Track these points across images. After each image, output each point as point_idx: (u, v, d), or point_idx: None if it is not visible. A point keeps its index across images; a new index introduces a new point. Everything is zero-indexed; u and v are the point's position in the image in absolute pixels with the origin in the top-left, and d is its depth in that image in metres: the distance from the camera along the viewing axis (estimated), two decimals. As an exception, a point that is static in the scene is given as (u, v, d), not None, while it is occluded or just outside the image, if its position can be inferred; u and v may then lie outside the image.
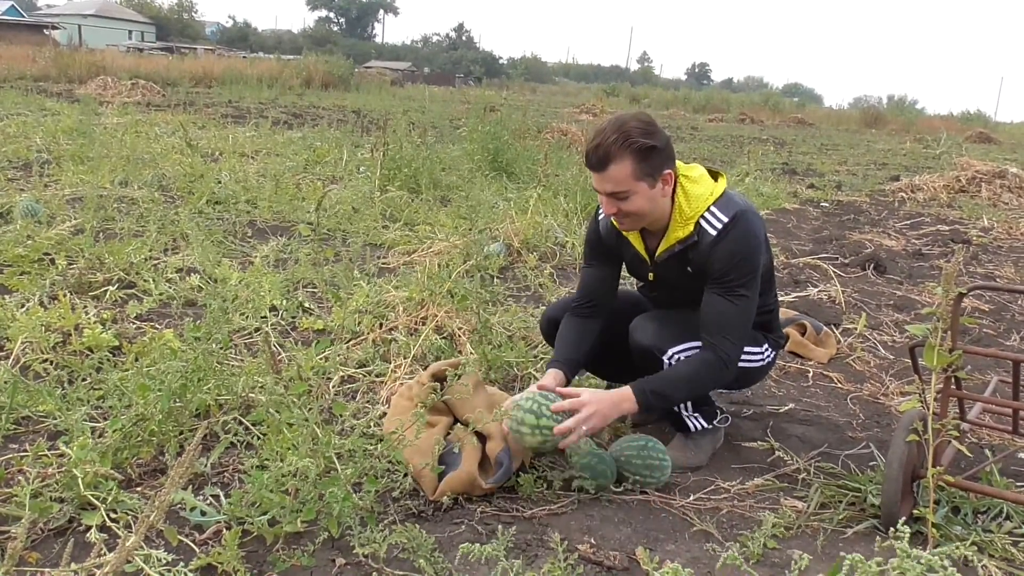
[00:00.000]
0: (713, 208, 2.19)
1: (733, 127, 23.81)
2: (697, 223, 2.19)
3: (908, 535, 1.21)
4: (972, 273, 5.41)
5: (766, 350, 2.43)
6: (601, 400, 2.14)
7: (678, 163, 2.25)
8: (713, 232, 2.17)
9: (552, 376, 2.33)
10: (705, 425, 2.42)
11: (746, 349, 2.33)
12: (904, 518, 1.49)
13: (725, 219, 2.17)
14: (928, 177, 9.76)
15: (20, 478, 1.90)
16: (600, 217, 2.44)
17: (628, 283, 3.07)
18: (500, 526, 1.91)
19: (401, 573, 1.72)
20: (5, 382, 2.30)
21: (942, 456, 2.06)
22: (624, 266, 2.51)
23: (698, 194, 2.20)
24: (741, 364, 2.33)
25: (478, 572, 1.76)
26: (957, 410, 2.34)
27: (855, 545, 2.02)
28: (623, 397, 2.16)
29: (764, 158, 12.55)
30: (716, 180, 2.26)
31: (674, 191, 2.20)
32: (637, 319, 2.35)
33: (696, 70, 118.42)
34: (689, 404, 2.36)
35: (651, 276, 2.40)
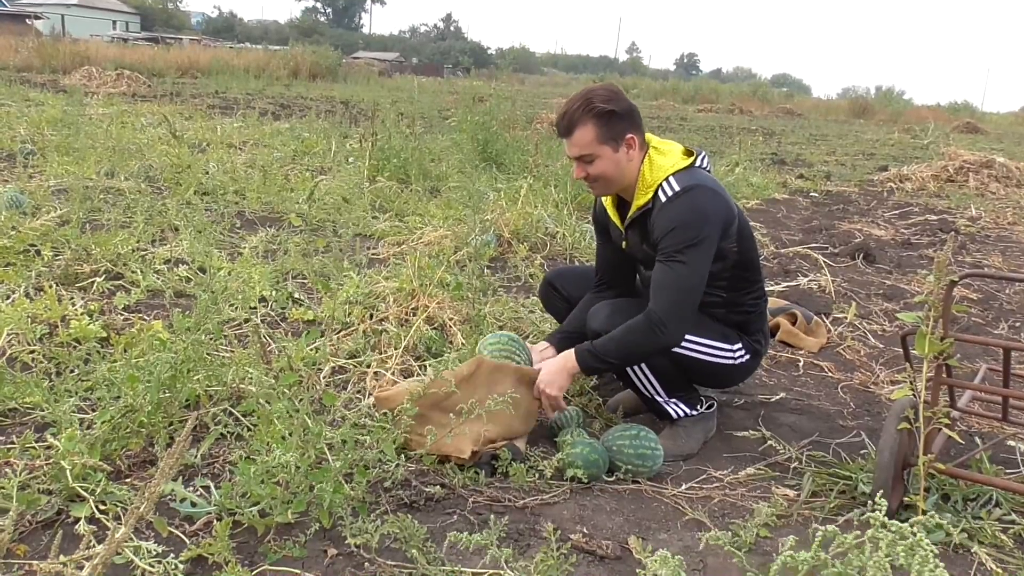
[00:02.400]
0: (671, 178, 2.25)
1: (722, 117, 23.83)
2: (655, 191, 2.26)
3: (884, 507, 1.24)
4: (960, 262, 5.44)
5: (739, 350, 2.42)
6: (550, 370, 2.32)
7: (653, 137, 2.35)
8: (663, 199, 2.23)
9: (541, 349, 2.58)
10: (688, 412, 2.43)
11: (712, 344, 2.36)
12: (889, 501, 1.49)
13: (678, 188, 2.23)
14: (916, 167, 9.81)
15: (7, 470, 1.88)
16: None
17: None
18: (492, 516, 1.90)
19: (393, 563, 1.72)
20: (-9, 374, 2.28)
21: (933, 444, 2.07)
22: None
23: (661, 164, 2.28)
24: (706, 358, 2.36)
25: (470, 562, 1.75)
26: (947, 398, 2.35)
27: (846, 532, 2.02)
28: (568, 360, 2.31)
29: (753, 148, 12.57)
30: (689, 158, 2.31)
31: (643, 161, 2.30)
32: (595, 306, 2.42)
33: (685, 60, 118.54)
34: (661, 390, 2.38)
35: (624, 244, 2.48)
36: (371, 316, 3.19)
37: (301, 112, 12.48)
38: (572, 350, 2.30)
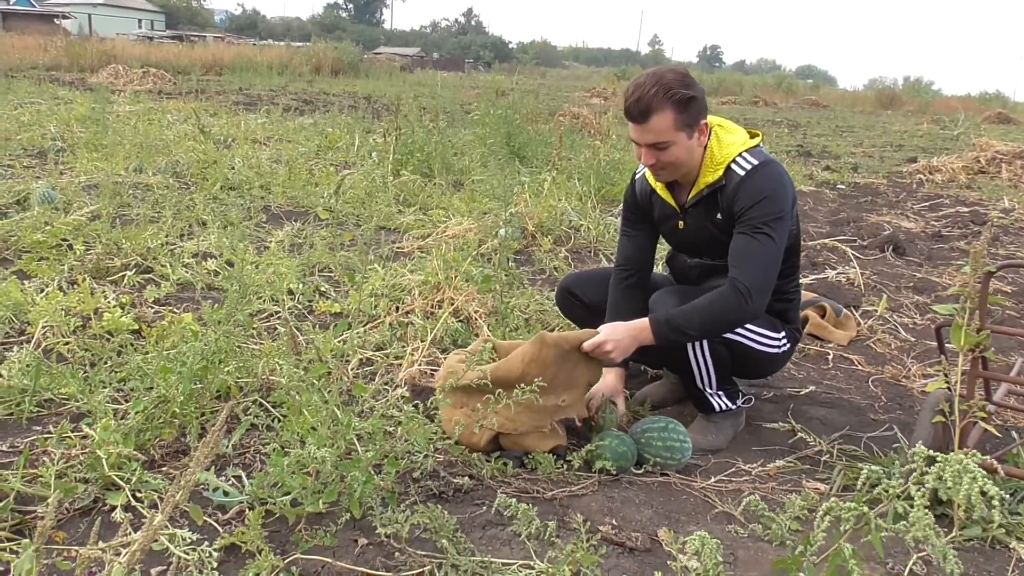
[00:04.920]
0: (744, 154, 2.22)
1: (746, 109, 23.59)
2: (727, 168, 2.22)
3: (925, 451, 1.22)
4: (993, 255, 5.34)
5: (783, 339, 2.39)
6: (619, 333, 2.18)
7: (717, 118, 2.31)
8: (741, 172, 2.19)
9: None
10: (729, 405, 2.40)
11: (763, 332, 2.32)
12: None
13: (755, 162, 2.20)
14: (946, 158, 9.63)
15: (45, 459, 1.91)
16: (637, 178, 2.50)
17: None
18: (521, 507, 1.91)
19: (423, 553, 1.72)
20: (28, 365, 2.32)
21: (968, 438, 2.04)
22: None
23: (731, 141, 2.24)
24: (758, 347, 2.32)
25: (500, 553, 1.75)
26: (983, 391, 2.31)
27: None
28: (640, 328, 2.19)
29: (779, 140, 12.44)
30: (754, 139, 2.29)
31: (707, 140, 2.25)
32: (657, 293, 2.36)
33: (708, 53, 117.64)
34: (715, 380, 2.33)
35: (680, 225, 2.40)
36: (397, 309, 3.20)
37: (324, 108, 12.54)
38: (645, 319, 2.19)
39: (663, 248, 2.72)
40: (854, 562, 1.18)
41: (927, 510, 1.14)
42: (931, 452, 1.17)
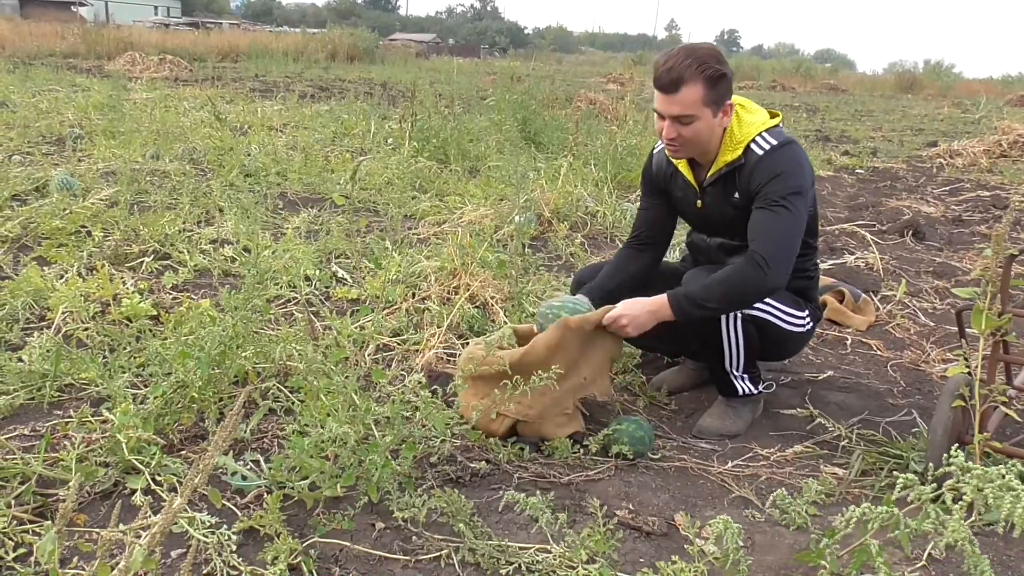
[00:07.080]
0: (764, 134, 2.21)
1: (764, 94, 23.32)
2: (746, 147, 2.21)
3: (961, 456, 1.20)
4: (1015, 238, 5.26)
5: (806, 316, 2.37)
6: (635, 308, 2.19)
7: (738, 97, 2.30)
8: (760, 152, 2.19)
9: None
10: (752, 390, 2.39)
11: (788, 311, 2.30)
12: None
13: (774, 142, 2.19)
14: (967, 142, 9.48)
15: (66, 443, 1.94)
16: (655, 152, 2.49)
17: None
18: (538, 492, 1.91)
19: (440, 537, 1.73)
20: (48, 350, 2.34)
21: (988, 422, 2.02)
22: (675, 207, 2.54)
23: (751, 121, 2.23)
24: (784, 325, 2.29)
25: (516, 537, 1.76)
26: (1004, 375, 2.28)
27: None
28: (659, 304, 2.17)
29: (796, 125, 12.30)
30: (774, 119, 2.28)
31: (728, 121, 2.24)
32: (689, 272, 2.34)
33: (725, 37, 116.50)
34: (744, 362, 2.32)
35: (699, 204, 2.39)
36: (413, 295, 3.20)
37: (340, 94, 12.53)
38: (663, 295, 2.17)
39: (680, 233, 2.69)
40: (880, 560, 1.16)
41: (962, 522, 1.12)
42: (968, 463, 1.15)
